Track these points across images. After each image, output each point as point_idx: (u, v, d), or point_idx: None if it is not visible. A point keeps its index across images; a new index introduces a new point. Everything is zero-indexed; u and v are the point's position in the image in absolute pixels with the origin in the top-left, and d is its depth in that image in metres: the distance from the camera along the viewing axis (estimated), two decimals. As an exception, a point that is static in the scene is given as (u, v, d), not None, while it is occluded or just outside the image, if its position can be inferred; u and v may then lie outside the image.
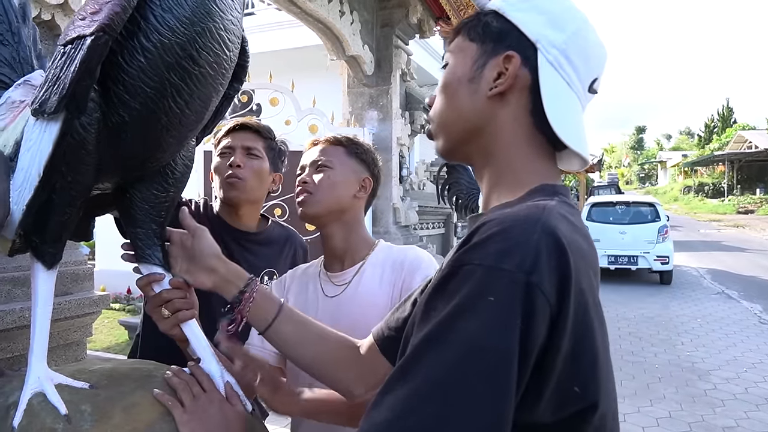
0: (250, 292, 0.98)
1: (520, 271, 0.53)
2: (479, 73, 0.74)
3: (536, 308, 0.53)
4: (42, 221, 0.86)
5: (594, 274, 0.64)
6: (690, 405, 4.42)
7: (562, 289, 0.54)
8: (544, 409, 0.56)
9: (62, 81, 0.75)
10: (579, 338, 0.56)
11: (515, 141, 0.73)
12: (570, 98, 0.72)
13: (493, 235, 0.56)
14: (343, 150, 1.34)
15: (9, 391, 0.88)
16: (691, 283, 10.30)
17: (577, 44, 0.72)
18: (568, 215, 0.64)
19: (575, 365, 0.56)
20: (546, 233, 0.56)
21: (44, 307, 0.89)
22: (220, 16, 0.83)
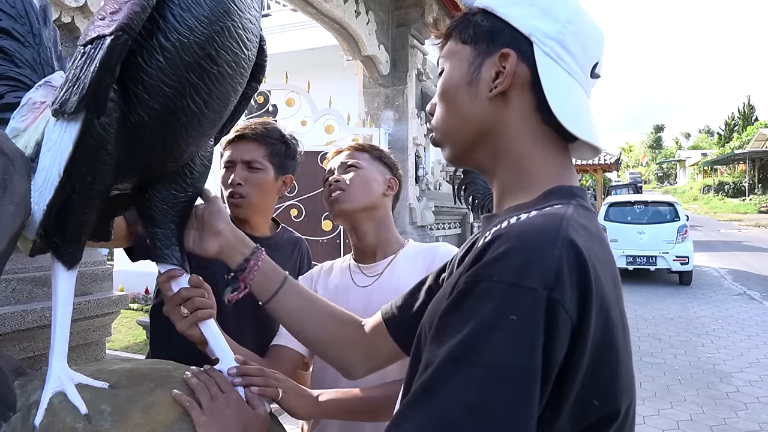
0: (255, 260, 0.99)
1: (543, 288, 0.52)
2: (476, 75, 0.72)
3: (558, 325, 0.52)
4: (62, 221, 0.86)
5: (613, 280, 0.62)
6: (712, 408, 4.35)
7: (583, 304, 0.53)
8: (563, 422, 0.56)
9: (82, 81, 0.75)
10: (600, 352, 0.55)
11: (524, 140, 0.71)
12: (573, 87, 0.70)
13: (512, 250, 0.55)
14: (367, 155, 1.42)
15: (30, 390, 0.89)
16: (712, 284, 10.15)
17: (572, 31, 0.69)
18: (585, 222, 0.62)
19: (595, 379, 0.55)
20: (566, 248, 0.55)
21: (65, 306, 0.90)
22: (239, 14, 0.83)
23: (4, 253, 0.82)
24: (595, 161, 20.33)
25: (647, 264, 10.03)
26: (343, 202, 1.33)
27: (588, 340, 0.53)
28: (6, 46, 0.97)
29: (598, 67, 0.73)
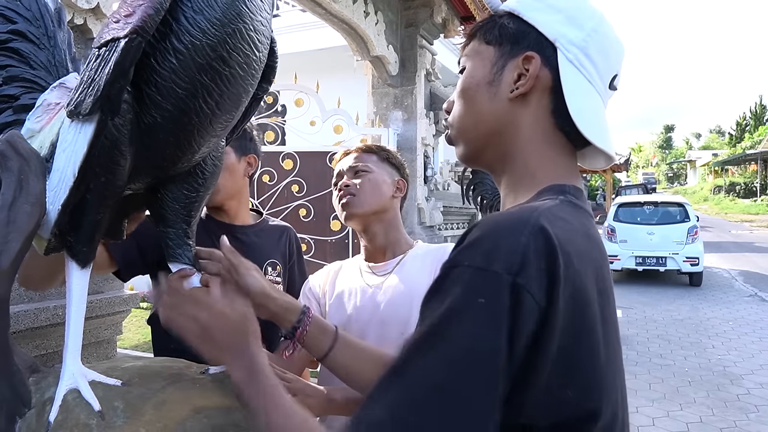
0: (303, 326, 0.99)
1: (508, 273, 0.53)
2: (498, 76, 0.73)
3: (523, 309, 0.53)
4: (76, 221, 0.87)
5: (597, 276, 0.62)
6: (722, 410, 4.32)
7: (551, 291, 0.54)
8: (536, 412, 0.56)
9: (97, 83, 0.76)
10: (573, 341, 0.56)
11: (534, 142, 0.72)
12: (592, 96, 0.71)
13: (483, 237, 0.57)
14: (375, 156, 1.45)
15: (45, 387, 0.90)
16: (722, 285, 10.08)
17: (596, 41, 0.71)
18: (567, 216, 0.63)
19: (568, 368, 0.56)
20: (534, 234, 0.56)
21: (78, 304, 0.91)
22: (250, 17, 0.84)
23: (19, 252, 0.84)
24: (604, 161, 20.24)
25: (657, 265, 9.97)
26: (354, 206, 1.37)
27: (556, 326, 0.54)
28: (22, 48, 0.99)
29: (617, 80, 0.74)
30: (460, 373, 0.52)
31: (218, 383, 0.95)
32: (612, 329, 0.64)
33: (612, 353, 0.62)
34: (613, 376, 0.62)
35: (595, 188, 33.71)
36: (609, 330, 0.62)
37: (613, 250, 10.25)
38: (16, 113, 0.96)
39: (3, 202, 0.84)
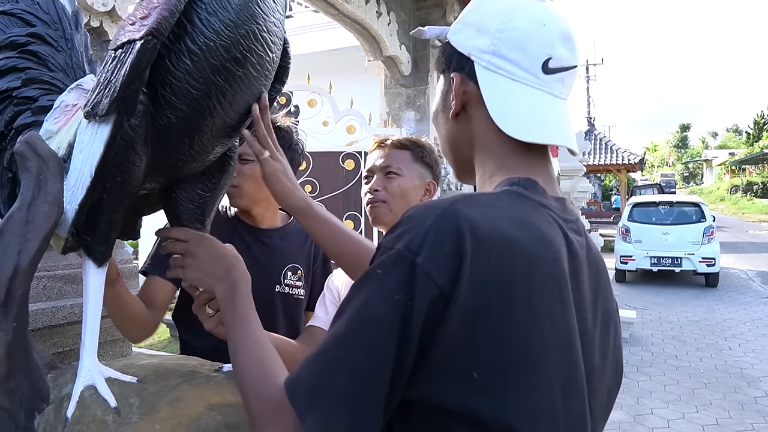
0: None
1: (408, 251, 0.58)
2: (445, 101, 0.80)
3: (418, 286, 0.57)
4: (93, 220, 0.89)
5: (531, 260, 0.61)
6: (739, 413, 4.27)
7: (454, 273, 0.57)
8: (444, 390, 0.58)
9: (113, 84, 0.77)
10: (482, 324, 0.58)
11: (486, 149, 0.76)
12: (521, 92, 0.72)
13: (401, 221, 0.63)
14: (409, 154, 1.41)
15: (62, 384, 0.92)
16: (739, 286, 9.95)
17: (505, 39, 0.72)
18: (499, 203, 0.66)
19: (470, 354, 0.58)
20: (443, 219, 0.60)
21: (95, 303, 0.93)
22: (263, 18, 0.85)
23: (38, 251, 0.85)
24: (618, 161, 20.08)
25: (672, 265, 9.86)
26: (383, 213, 1.36)
27: (458, 308, 0.57)
28: (40, 51, 1.00)
29: (553, 62, 0.73)
30: (353, 330, 0.59)
31: (232, 381, 0.97)
32: (561, 323, 0.63)
33: (551, 348, 0.61)
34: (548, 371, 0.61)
35: (609, 188, 33.42)
36: (557, 324, 0.62)
37: (627, 250, 10.16)
38: (34, 114, 0.98)
39: (22, 201, 0.85)
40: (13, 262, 0.83)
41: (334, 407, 0.58)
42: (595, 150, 20.22)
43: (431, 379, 0.59)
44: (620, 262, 10.24)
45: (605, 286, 0.77)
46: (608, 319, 0.77)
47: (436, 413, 0.60)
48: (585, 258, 0.72)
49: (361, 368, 0.58)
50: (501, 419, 0.58)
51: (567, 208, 0.75)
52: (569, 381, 0.63)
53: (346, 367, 0.58)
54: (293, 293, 1.54)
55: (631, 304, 8.29)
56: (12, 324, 0.84)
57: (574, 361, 0.64)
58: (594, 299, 0.73)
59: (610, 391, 0.78)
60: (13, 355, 0.85)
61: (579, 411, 0.64)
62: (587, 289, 0.71)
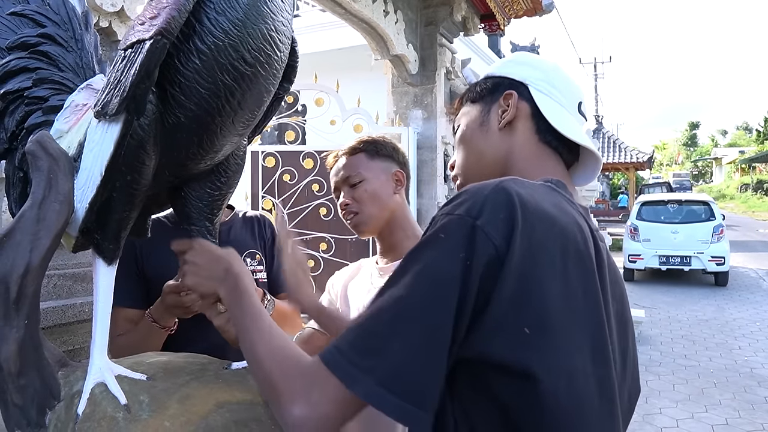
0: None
1: (468, 216, 0.64)
2: (486, 118, 0.90)
3: (478, 245, 0.62)
4: (103, 219, 0.90)
5: (566, 238, 0.67)
6: (749, 412, 4.25)
7: (508, 236, 0.63)
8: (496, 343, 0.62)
9: (123, 84, 0.78)
10: (526, 287, 0.63)
11: (526, 158, 0.86)
12: (565, 114, 0.87)
13: (459, 194, 0.69)
14: (363, 156, 1.38)
15: (73, 381, 0.93)
16: (749, 285, 9.87)
17: (555, 76, 0.89)
18: (539, 189, 0.73)
19: (522, 312, 0.62)
20: (496, 191, 0.66)
21: (105, 300, 0.93)
22: (272, 17, 0.85)
23: (49, 249, 0.86)
24: (626, 159, 19.96)
25: (681, 264, 9.81)
26: (362, 224, 1.35)
27: (512, 268, 0.62)
28: (51, 51, 1.01)
29: (583, 107, 0.91)
30: (416, 288, 0.63)
31: (241, 378, 0.97)
32: (592, 296, 0.68)
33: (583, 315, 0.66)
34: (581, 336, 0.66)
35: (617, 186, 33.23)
36: (584, 294, 0.67)
37: (635, 249, 10.11)
38: (45, 114, 0.98)
39: (33, 200, 0.86)
40: (25, 260, 0.84)
41: (393, 366, 0.60)
42: (603, 148, 20.11)
43: (485, 335, 0.62)
44: (629, 261, 10.19)
45: (622, 294, 0.83)
46: (626, 324, 0.81)
47: (482, 369, 0.64)
48: (607, 261, 0.77)
49: (424, 324, 0.61)
50: (544, 373, 0.62)
51: (590, 215, 0.83)
52: (598, 348, 0.67)
53: (408, 325, 0.61)
54: (257, 278, 1.52)
55: (639, 303, 8.25)
56: (24, 321, 0.85)
57: (602, 331, 0.68)
58: (613, 301, 0.77)
59: (630, 398, 0.81)
60: (25, 352, 0.86)
61: (608, 376, 0.68)
62: (608, 286, 0.75)
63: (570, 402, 0.63)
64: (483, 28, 5.39)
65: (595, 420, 0.65)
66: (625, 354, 0.79)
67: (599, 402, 0.66)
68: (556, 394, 0.62)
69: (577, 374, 0.64)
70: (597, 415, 0.66)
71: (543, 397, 0.61)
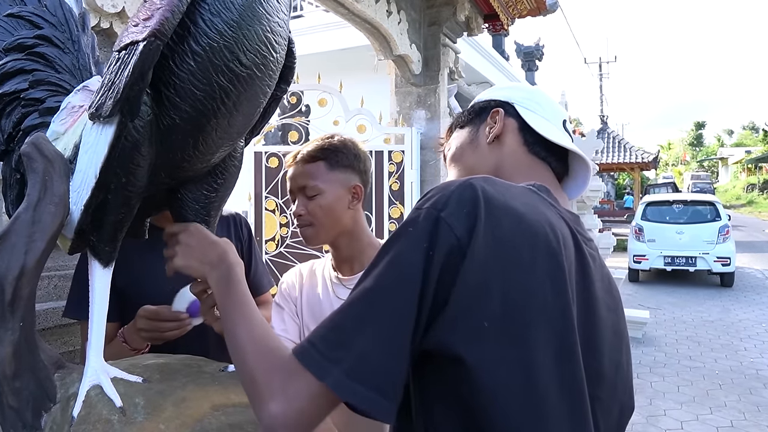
0: None
1: (434, 209, 0.67)
2: (475, 135, 0.94)
3: (440, 236, 0.65)
4: (98, 221, 0.89)
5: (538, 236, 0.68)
6: (754, 414, 4.22)
7: (470, 229, 0.65)
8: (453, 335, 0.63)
9: (117, 86, 0.78)
10: (487, 280, 0.63)
11: (514, 169, 0.88)
12: (551, 126, 0.90)
13: (430, 190, 0.72)
14: (323, 165, 1.33)
15: (69, 383, 0.93)
16: (755, 286, 9.81)
17: (538, 96, 0.95)
18: (514, 189, 0.74)
19: (482, 304, 0.63)
20: (463, 187, 0.68)
21: (101, 303, 0.93)
22: (267, 18, 0.85)
23: (44, 251, 0.86)
24: (631, 159, 19.88)
25: (686, 265, 9.76)
26: (313, 237, 1.33)
27: (473, 260, 0.63)
28: (47, 53, 1.01)
29: (567, 125, 0.94)
30: (382, 279, 0.65)
31: (237, 381, 0.96)
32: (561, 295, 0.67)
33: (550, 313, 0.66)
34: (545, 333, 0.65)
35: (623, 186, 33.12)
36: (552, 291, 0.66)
37: (640, 249, 10.06)
38: (41, 116, 0.98)
39: (28, 202, 0.86)
40: (20, 262, 0.84)
41: (359, 356, 0.62)
42: (608, 148, 20.02)
43: (445, 326, 0.63)
44: (633, 262, 10.15)
45: (617, 306, 0.82)
46: (620, 335, 0.80)
47: (441, 362, 0.64)
48: (596, 269, 0.77)
49: (388, 313, 0.63)
50: (499, 366, 0.62)
51: (581, 223, 0.83)
52: (564, 346, 0.67)
53: (373, 315, 0.63)
54: None
55: (644, 303, 8.22)
56: (19, 323, 0.85)
57: (570, 329, 0.67)
58: (606, 309, 0.76)
59: (621, 414, 0.79)
60: (20, 355, 0.86)
61: (574, 374, 0.67)
62: (599, 293, 0.75)
63: (526, 398, 0.62)
64: (487, 28, 5.38)
65: (553, 419, 0.64)
66: (618, 367, 0.78)
67: (559, 400, 0.65)
68: (509, 388, 0.62)
69: (537, 369, 0.63)
70: (557, 413, 0.64)
71: (496, 390, 0.62)
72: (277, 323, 1.39)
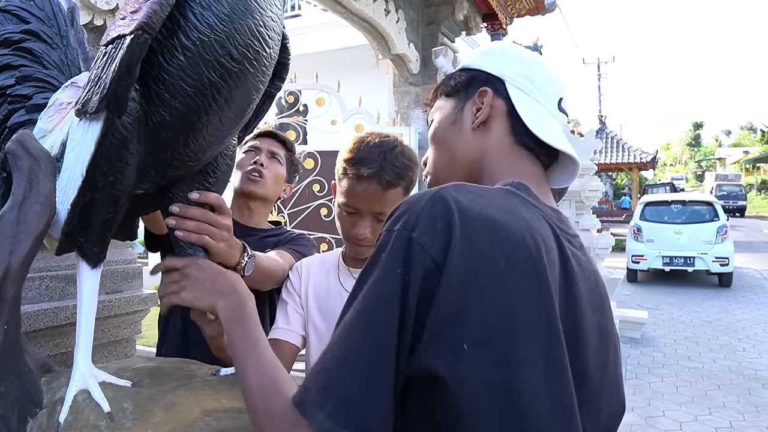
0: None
1: (404, 230, 0.63)
2: (460, 115, 0.85)
3: (414, 258, 0.61)
4: (86, 221, 0.87)
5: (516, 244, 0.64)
6: (753, 415, 4.20)
7: (445, 246, 0.61)
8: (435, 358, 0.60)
9: (103, 81, 0.75)
10: (471, 299, 0.60)
11: (498, 159, 0.82)
12: (543, 113, 0.83)
13: (398, 208, 0.67)
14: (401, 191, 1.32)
15: (56, 387, 0.90)
16: (754, 286, 9.81)
17: (537, 71, 0.85)
18: (488, 194, 0.70)
19: (462, 324, 0.60)
20: (433, 201, 0.64)
21: (89, 304, 0.91)
22: (260, 12, 0.82)
23: (29, 252, 0.83)
24: (629, 160, 19.91)
25: (685, 265, 9.75)
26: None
27: (450, 279, 0.60)
28: (35, 48, 0.99)
29: (563, 102, 0.86)
30: (360, 312, 0.62)
31: (228, 385, 0.94)
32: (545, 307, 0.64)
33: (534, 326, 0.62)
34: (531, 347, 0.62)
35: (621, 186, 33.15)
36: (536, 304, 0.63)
37: (639, 249, 10.05)
38: (28, 113, 0.96)
39: (13, 201, 0.83)
40: (4, 263, 0.81)
41: (341, 398, 0.59)
42: (606, 148, 20.04)
43: (426, 350, 0.61)
44: (632, 262, 10.14)
45: (604, 306, 0.78)
46: (607, 336, 0.76)
47: (425, 387, 0.61)
48: (580, 269, 0.73)
49: (369, 347, 0.60)
50: (481, 389, 0.59)
51: (564, 219, 0.79)
52: (552, 361, 0.63)
53: (354, 352, 0.61)
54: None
55: (642, 304, 8.21)
56: (3, 326, 0.82)
57: (558, 342, 0.64)
58: (593, 312, 0.73)
59: (610, 417, 0.75)
60: (5, 359, 0.83)
61: (565, 391, 0.64)
62: (583, 293, 0.71)
63: (512, 422, 0.59)
64: (485, 27, 5.36)
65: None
66: (605, 369, 0.74)
67: (552, 422, 0.61)
68: (494, 412, 0.59)
69: (522, 388, 0.60)
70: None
71: (480, 414, 0.59)
72: (281, 318, 1.37)
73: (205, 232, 0.98)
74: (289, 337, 1.32)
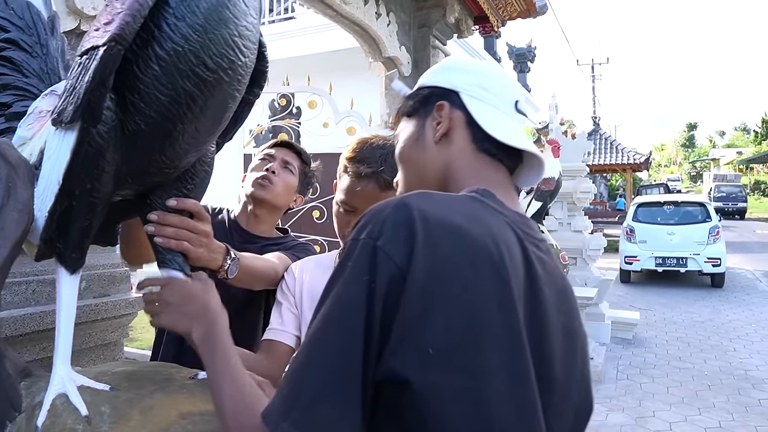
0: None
1: (369, 238, 0.64)
2: (422, 132, 0.87)
3: (379, 266, 0.62)
4: (64, 227, 0.88)
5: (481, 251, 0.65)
6: (743, 415, 4.23)
7: (409, 253, 0.62)
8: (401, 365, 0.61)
9: (78, 91, 0.76)
10: (433, 304, 0.61)
11: (463, 168, 0.84)
12: (501, 117, 0.85)
13: (363, 216, 0.69)
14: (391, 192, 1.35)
15: (36, 391, 0.91)
16: (745, 287, 9.87)
17: (488, 78, 0.87)
18: (451, 200, 0.72)
19: (426, 330, 0.61)
20: (396, 209, 0.66)
21: (68, 309, 0.92)
22: (234, 22, 0.84)
23: (8, 258, 0.85)
24: (623, 161, 19.98)
25: (677, 266, 9.80)
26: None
27: (414, 286, 0.61)
28: (14, 57, 1.00)
29: (520, 104, 0.87)
30: (327, 321, 0.63)
31: (205, 388, 0.95)
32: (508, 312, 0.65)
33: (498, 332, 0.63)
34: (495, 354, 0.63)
35: (615, 187, 33.24)
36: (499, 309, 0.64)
37: (632, 250, 10.10)
38: (8, 121, 0.97)
39: (-9, 209, 0.85)
40: (-18, 270, 0.82)
41: (307, 406, 0.59)
42: (600, 149, 20.11)
43: (392, 356, 0.61)
44: (625, 263, 10.19)
45: (571, 307, 0.80)
46: (573, 337, 0.78)
47: (392, 394, 0.62)
48: (545, 272, 0.75)
49: (335, 356, 0.61)
50: (447, 396, 0.60)
51: (530, 224, 0.80)
52: (516, 368, 0.64)
53: (320, 360, 0.62)
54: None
55: (635, 304, 8.24)
56: (-19, 332, 0.83)
57: (520, 348, 0.65)
58: (559, 314, 0.75)
59: (578, 417, 0.77)
60: (-17, 364, 0.84)
61: (529, 398, 0.65)
62: (548, 297, 0.73)
63: (477, 426, 0.60)
64: (477, 29, 5.38)
65: None
66: (572, 371, 0.76)
67: (517, 425, 0.63)
68: (460, 419, 0.60)
69: (489, 398, 0.61)
70: None
71: (445, 421, 0.60)
72: (276, 319, 1.38)
73: (183, 238, 0.99)
74: (283, 337, 1.33)
